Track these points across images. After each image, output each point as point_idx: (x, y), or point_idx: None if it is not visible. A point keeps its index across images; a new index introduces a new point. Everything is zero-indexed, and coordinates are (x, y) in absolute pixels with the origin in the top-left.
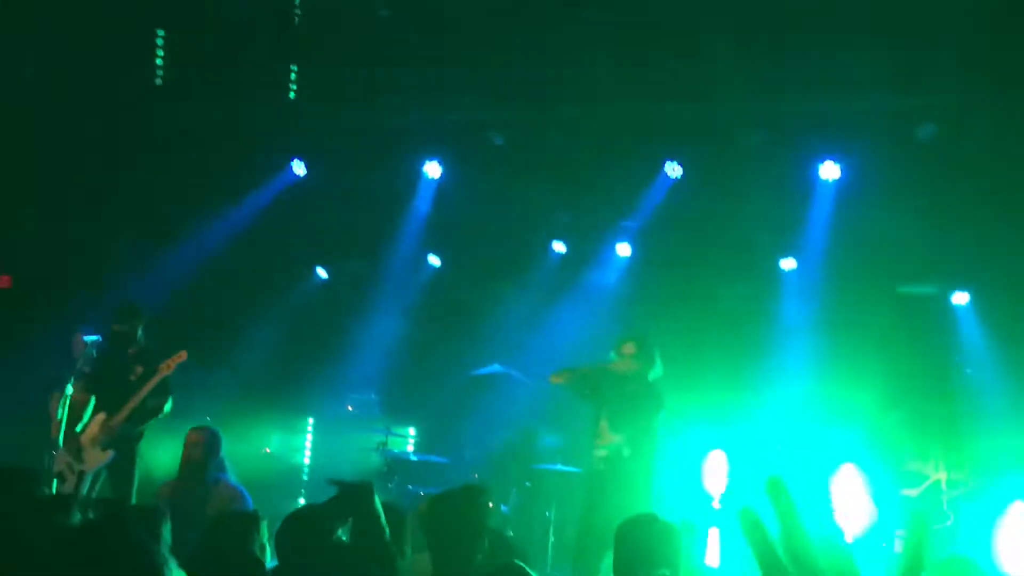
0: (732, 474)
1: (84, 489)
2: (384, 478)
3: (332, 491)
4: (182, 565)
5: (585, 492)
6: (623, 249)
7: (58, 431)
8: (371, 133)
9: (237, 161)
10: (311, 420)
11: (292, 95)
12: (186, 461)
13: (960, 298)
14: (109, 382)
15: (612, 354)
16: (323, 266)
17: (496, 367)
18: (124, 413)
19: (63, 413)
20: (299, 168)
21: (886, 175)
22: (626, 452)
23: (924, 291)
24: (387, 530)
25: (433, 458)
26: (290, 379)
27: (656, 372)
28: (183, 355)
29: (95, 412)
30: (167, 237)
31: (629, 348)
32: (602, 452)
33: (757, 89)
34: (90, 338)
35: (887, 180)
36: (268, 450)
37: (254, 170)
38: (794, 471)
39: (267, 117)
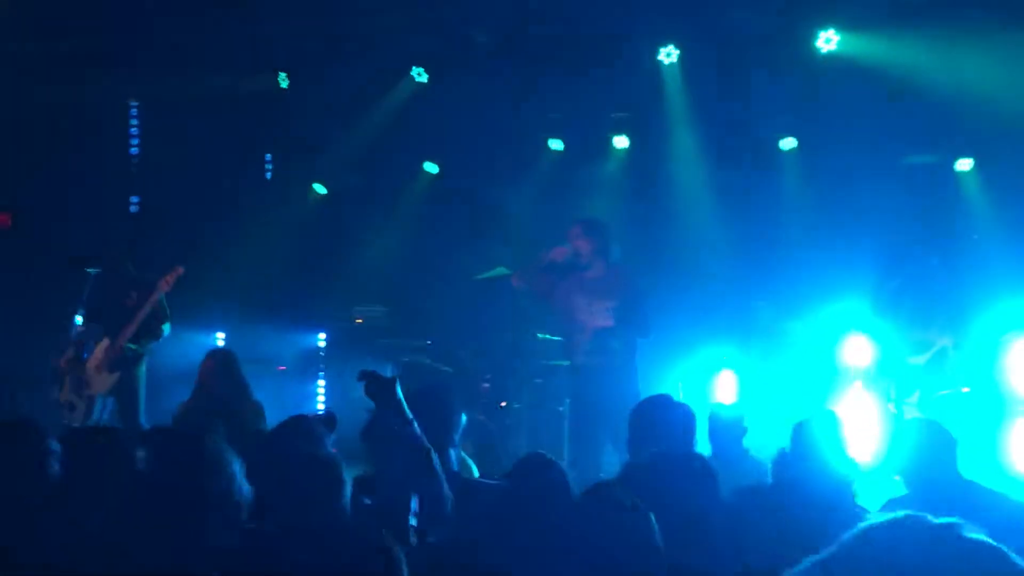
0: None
1: (95, 414)
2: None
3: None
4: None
5: (578, 388)
6: (620, 141)
7: (67, 363)
8: (354, 42)
9: (225, 75)
10: (323, 335)
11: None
12: (202, 384)
13: (964, 164)
14: (109, 310)
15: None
16: (320, 183)
17: (501, 270)
18: (127, 334)
19: (71, 343)
20: (283, 81)
21: (882, 46)
22: (615, 346)
23: (927, 160)
24: (415, 424)
25: (444, 366)
26: (298, 296)
27: (613, 254)
28: (179, 270)
29: (99, 339)
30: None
31: (576, 231)
32: (592, 348)
33: None
34: (91, 270)
35: (883, 51)
36: (283, 368)
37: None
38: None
39: (245, 29)
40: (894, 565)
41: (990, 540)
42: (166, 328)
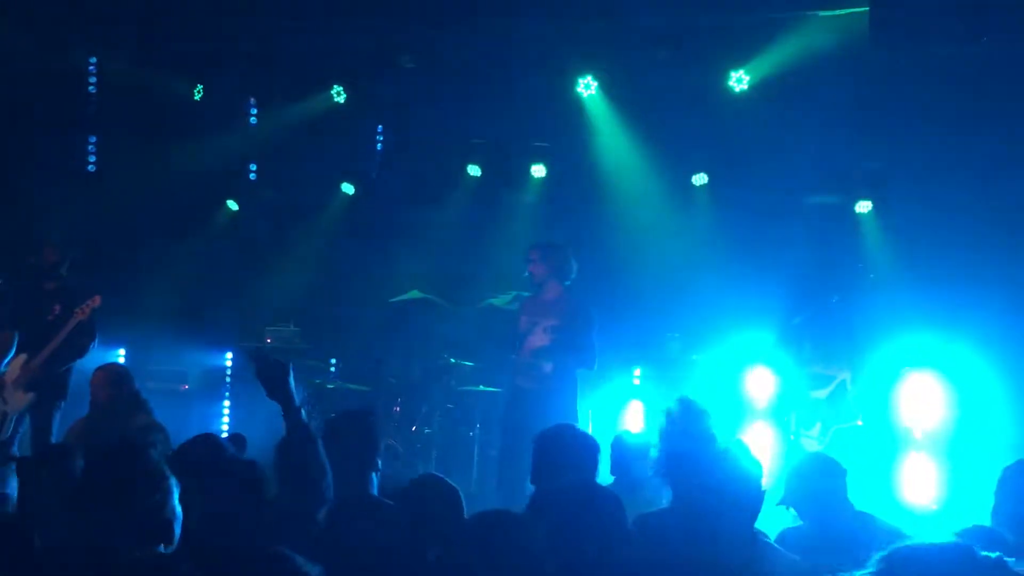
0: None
1: (8, 431)
2: (307, 406)
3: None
4: None
5: (509, 408)
6: (538, 170)
7: None
8: (279, 61)
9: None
10: (230, 354)
11: None
12: (94, 400)
13: (863, 206)
14: (28, 321)
15: (525, 270)
16: (234, 198)
17: (415, 293)
18: (44, 355)
19: None
20: (198, 94)
21: (791, 86)
22: (547, 368)
23: (830, 200)
24: (305, 414)
25: (355, 386)
26: (206, 314)
27: (569, 275)
28: (97, 300)
29: (17, 352)
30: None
31: (533, 255)
32: (527, 368)
33: (664, 3)
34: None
35: (792, 91)
36: (185, 387)
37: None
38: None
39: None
40: None
41: None
42: (93, 345)
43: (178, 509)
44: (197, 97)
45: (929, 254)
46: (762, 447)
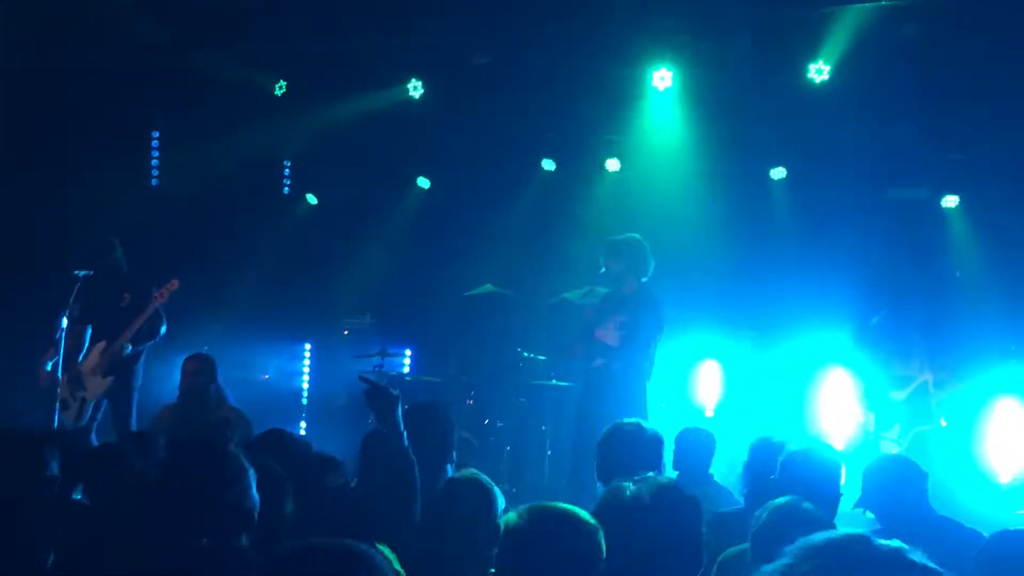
0: (725, 384)
1: (86, 417)
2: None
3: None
4: None
5: (579, 403)
6: (612, 164)
7: (56, 367)
8: (354, 57)
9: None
10: (308, 345)
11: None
12: (185, 389)
13: (950, 201)
14: (102, 312)
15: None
16: (313, 193)
17: (488, 287)
18: (123, 339)
19: (61, 346)
20: (280, 89)
21: (873, 78)
22: (616, 365)
23: (914, 195)
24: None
25: (428, 378)
26: (285, 305)
27: (646, 271)
28: (175, 284)
29: (93, 341)
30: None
31: (608, 252)
32: (598, 363)
33: None
34: (80, 272)
35: (875, 83)
36: (267, 376)
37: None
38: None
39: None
40: None
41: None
42: (162, 329)
43: (257, 499)
44: (279, 93)
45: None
46: (839, 448)
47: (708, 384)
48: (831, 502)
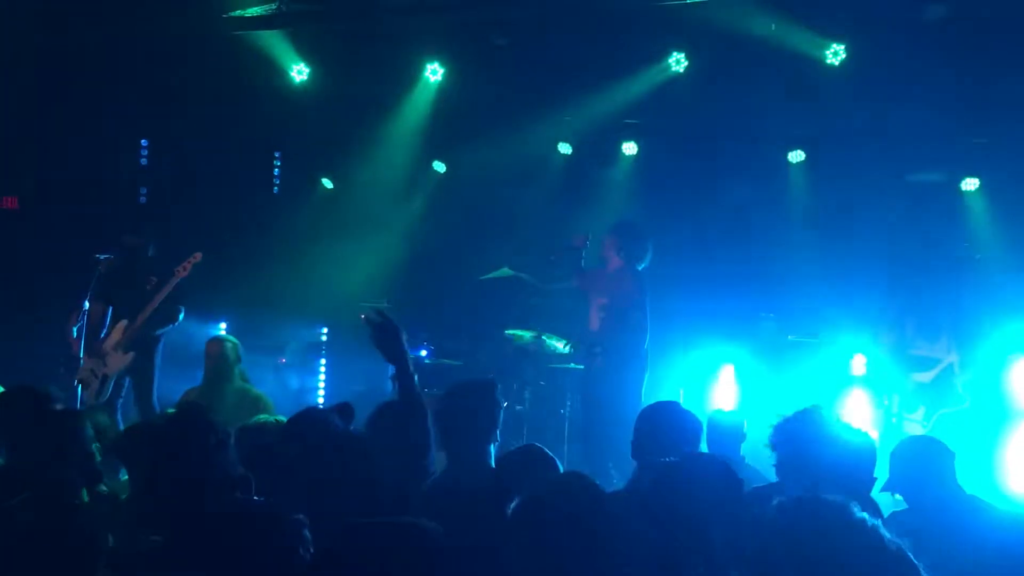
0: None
1: (107, 393)
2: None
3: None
4: None
5: (580, 384)
6: (629, 147)
7: (78, 345)
8: (371, 39)
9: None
10: (325, 329)
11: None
12: (210, 369)
13: (970, 184)
14: (126, 292)
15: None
16: (328, 177)
17: (505, 270)
18: (144, 315)
19: (81, 324)
20: (300, 75)
21: (894, 60)
22: (602, 347)
23: (934, 178)
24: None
25: (447, 361)
26: (302, 289)
27: (631, 255)
28: (198, 256)
29: (114, 320)
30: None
31: (608, 242)
32: (587, 346)
33: None
34: (103, 255)
35: (895, 65)
36: (283, 360)
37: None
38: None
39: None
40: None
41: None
42: (180, 314)
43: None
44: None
45: None
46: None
47: (725, 386)
48: (866, 475)
